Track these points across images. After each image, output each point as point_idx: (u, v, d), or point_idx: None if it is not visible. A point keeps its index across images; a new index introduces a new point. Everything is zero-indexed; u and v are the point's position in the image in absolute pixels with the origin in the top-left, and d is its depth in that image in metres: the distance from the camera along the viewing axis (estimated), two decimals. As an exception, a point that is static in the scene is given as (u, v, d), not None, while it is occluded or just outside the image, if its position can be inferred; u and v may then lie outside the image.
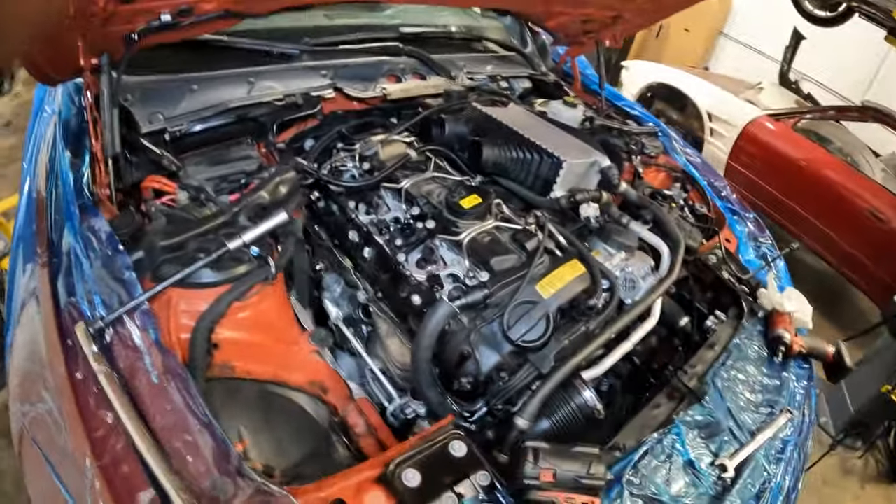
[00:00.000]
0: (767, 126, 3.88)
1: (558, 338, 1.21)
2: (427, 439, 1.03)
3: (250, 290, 1.16)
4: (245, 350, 1.17)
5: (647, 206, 1.58)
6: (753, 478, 1.25)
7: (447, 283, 1.29)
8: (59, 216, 1.26)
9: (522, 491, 0.94)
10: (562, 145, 1.55)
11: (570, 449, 0.96)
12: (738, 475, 1.22)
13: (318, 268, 1.57)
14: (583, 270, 1.31)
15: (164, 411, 0.97)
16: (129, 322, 1.06)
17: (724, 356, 1.46)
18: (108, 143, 1.31)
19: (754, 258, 1.93)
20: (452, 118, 1.59)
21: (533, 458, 0.92)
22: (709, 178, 2.14)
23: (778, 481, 1.29)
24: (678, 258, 1.46)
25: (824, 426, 2.86)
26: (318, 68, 1.68)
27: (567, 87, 2.27)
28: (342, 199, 1.50)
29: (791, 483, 1.34)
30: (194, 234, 1.15)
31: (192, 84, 1.54)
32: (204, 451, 0.93)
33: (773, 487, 1.27)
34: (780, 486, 1.29)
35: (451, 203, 1.34)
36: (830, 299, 3.97)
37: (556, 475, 0.92)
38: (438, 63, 1.88)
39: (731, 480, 1.19)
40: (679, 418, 1.22)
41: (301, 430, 1.20)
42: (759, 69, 5.52)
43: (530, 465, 0.92)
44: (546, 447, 0.95)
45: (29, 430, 1.13)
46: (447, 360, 1.22)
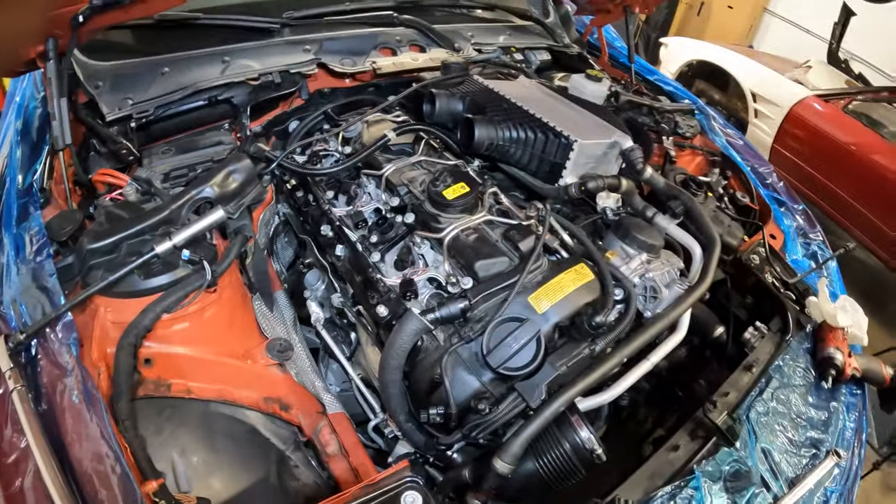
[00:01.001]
0: (816, 107, 3.33)
1: (554, 363, 0.91)
2: (373, 488, 0.77)
3: (186, 299, 0.91)
4: (184, 366, 0.93)
5: (677, 197, 1.21)
6: None
7: (425, 290, 1.01)
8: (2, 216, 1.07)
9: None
10: (575, 123, 1.20)
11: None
12: None
13: (307, 262, 1.32)
14: (590, 277, 0.99)
15: (83, 437, 0.81)
16: (52, 335, 0.88)
17: (763, 382, 1.11)
18: (58, 135, 1.09)
19: (803, 258, 1.53)
20: (446, 93, 1.27)
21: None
22: (752, 163, 1.73)
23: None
24: (713, 261, 1.11)
25: (868, 438, 2.40)
26: (300, 43, 1.40)
27: (593, 60, 1.88)
28: (319, 188, 1.23)
29: None
30: (127, 234, 0.92)
31: (163, 66, 1.31)
32: (114, 486, 0.77)
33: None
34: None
35: (432, 193, 1.04)
36: (881, 299, 3.39)
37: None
38: (440, 33, 1.55)
39: (760, 547, 0.87)
40: (700, 468, 0.90)
41: (249, 455, 0.96)
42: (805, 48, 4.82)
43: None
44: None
45: None
46: (417, 383, 0.94)
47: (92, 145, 1.28)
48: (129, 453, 0.79)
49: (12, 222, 1.04)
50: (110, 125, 1.23)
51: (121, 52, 1.32)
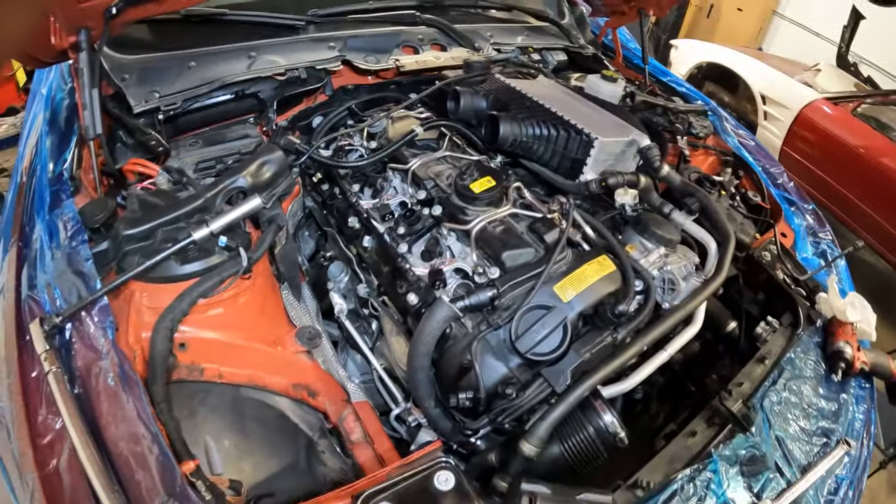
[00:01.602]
0: (825, 110, 3.36)
1: (578, 350, 0.95)
2: (408, 468, 0.81)
3: (221, 285, 0.95)
4: (217, 351, 0.97)
5: (692, 194, 1.26)
6: None
7: (452, 280, 1.05)
8: (34, 203, 1.10)
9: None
10: (594, 122, 1.25)
11: (574, 496, 0.70)
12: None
13: (329, 255, 1.35)
14: (612, 269, 1.03)
15: (118, 418, 0.83)
16: (88, 319, 0.91)
17: (776, 373, 1.15)
18: (89, 125, 1.13)
19: (812, 256, 1.58)
20: (470, 91, 1.31)
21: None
22: (763, 164, 1.77)
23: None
24: (727, 256, 1.15)
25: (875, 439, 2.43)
26: (325, 40, 1.44)
27: (607, 61, 1.92)
28: (346, 181, 1.27)
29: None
30: (162, 221, 0.96)
31: (190, 60, 1.35)
32: (153, 467, 0.78)
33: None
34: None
35: (460, 187, 1.09)
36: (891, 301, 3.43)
37: (557, 531, 0.67)
38: (461, 33, 1.60)
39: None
40: (717, 452, 0.94)
41: (279, 440, 1.00)
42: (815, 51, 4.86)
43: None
44: (546, 492, 0.70)
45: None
46: (446, 370, 0.98)
47: (118, 137, 1.32)
48: (165, 435, 0.81)
49: (45, 209, 1.07)
50: (138, 117, 1.27)
51: (147, 46, 1.36)
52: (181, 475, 0.76)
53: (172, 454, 0.79)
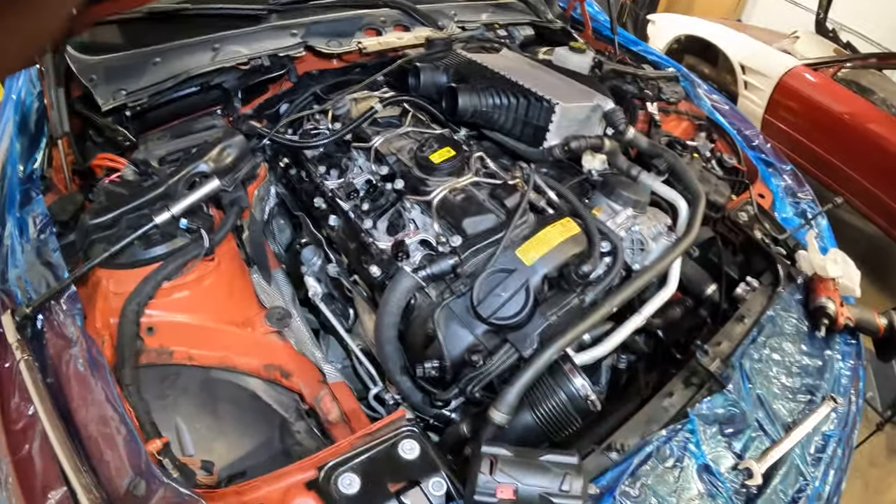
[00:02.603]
0: (806, 77, 3.30)
1: (544, 313, 0.91)
2: (372, 437, 0.79)
3: (185, 268, 0.92)
4: (185, 334, 0.95)
5: (660, 155, 1.22)
6: (786, 484, 0.92)
7: (416, 252, 1.02)
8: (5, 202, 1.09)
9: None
10: (557, 89, 1.21)
11: (538, 458, 0.67)
12: (767, 481, 0.89)
13: (303, 241, 1.33)
14: (576, 230, 1.00)
15: (88, 402, 0.82)
16: (57, 308, 0.90)
17: (756, 331, 1.11)
18: (56, 124, 1.12)
19: (792, 216, 1.53)
20: (430, 66, 1.28)
21: (488, 469, 0.65)
22: (738, 126, 1.72)
23: (817, 487, 0.96)
24: (698, 214, 1.11)
25: (870, 401, 2.39)
26: (287, 27, 1.41)
27: (576, 34, 1.88)
28: (311, 163, 1.24)
29: (832, 488, 0.99)
30: (126, 209, 0.94)
31: (154, 57, 1.33)
32: (120, 448, 0.78)
33: (811, 495, 0.94)
34: (818, 493, 0.95)
35: (420, 158, 1.06)
36: (879, 264, 3.37)
37: (517, 492, 0.64)
38: (424, 13, 1.56)
39: (758, 488, 0.87)
40: (694, 411, 0.90)
41: (251, 420, 0.98)
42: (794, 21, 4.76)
43: (484, 477, 0.65)
44: (507, 454, 0.67)
45: None
46: (413, 340, 0.96)
47: (89, 136, 1.30)
48: (133, 416, 0.81)
49: (15, 206, 1.06)
50: (106, 115, 1.25)
51: (113, 46, 1.34)
52: (147, 453, 0.74)
53: (140, 434, 0.77)
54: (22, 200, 1.09)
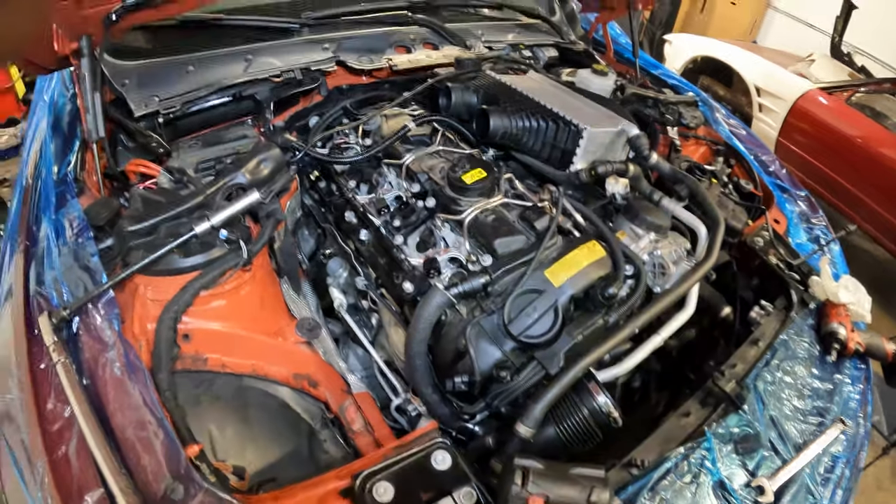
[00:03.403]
0: (820, 100, 3.40)
1: (571, 332, 0.98)
2: (405, 448, 0.84)
3: (222, 277, 0.99)
4: (220, 341, 1.01)
5: (682, 181, 1.29)
6: (796, 502, 0.98)
7: (447, 269, 1.08)
8: (40, 204, 1.15)
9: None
10: (583, 113, 1.28)
11: (568, 471, 0.73)
12: (778, 499, 0.95)
13: (328, 252, 1.39)
14: (602, 254, 1.06)
15: (125, 406, 0.87)
16: (94, 312, 0.95)
17: (769, 354, 1.18)
18: (92, 128, 1.18)
19: (806, 241, 1.60)
20: (461, 87, 1.35)
21: (521, 480, 0.71)
22: (755, 152, 1.80)
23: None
24: (717, 239, 1.18)
25: (877, 425, 2.45)
26: (319, 42, 1.49)
27: (598, 55, 1.96)
28: (342, 177, 1.31)
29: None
30: (164, 217, 1.00)
31: (188, 65, 1.40)
32: (158, 452, 0.82)
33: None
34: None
35: (452, 178, 1.12)
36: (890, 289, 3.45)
37: (548, 502, 0.70)
38: (452, 32, 1.64)
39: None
40: (711, 430, 0.96)
41: (281, 427, 1.04)
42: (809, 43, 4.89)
43: (517, 487, 0.71)
44: (539, 467, 0.73)
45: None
46: (442, 356, 1.01)
47: (119, 140, 1.36)
48: (171, 421, 0.85)
49: (51, 208, 1.12)
50: (138, 121, 1.31)
51: (146, 52, 1.41)
52: (185, 458, 0.79)
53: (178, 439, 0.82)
54: (57, 203, 1.15)
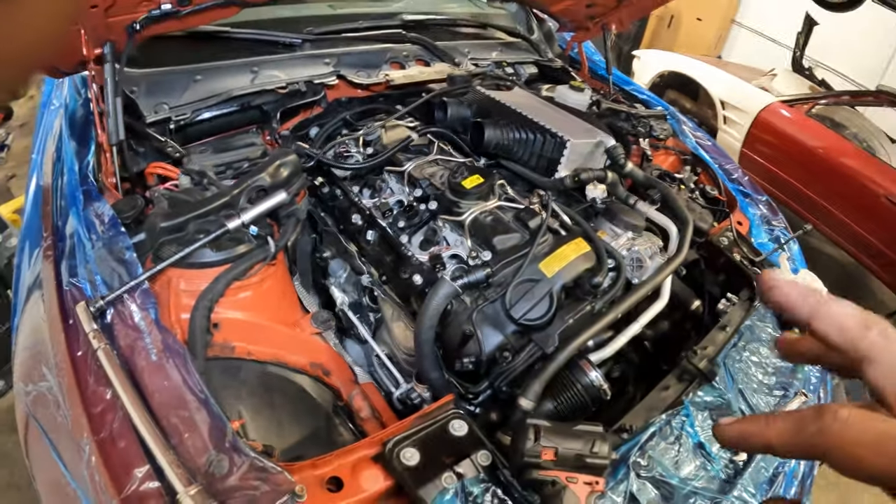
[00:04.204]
0: (781, 113, 3.77)
1: (562, 317, 1.16)
2: (426, 418, 0.99)
3: (250, 270, 1.13)
4: (246, 330, 1.14)
5: (654, 186, 1.51)
6: (766, 462, 1.18)
7: (450, 264, 1.26)
8: (64, 202, 1.26)
9: (523, 470, 0.90)
10: (566, 126, 1.49)
11: (572, 427, 0.91)
12: (750, 459, 1.15)
13: (325, 255, 1.54)
14: (587, 249, 1.26)
15: (162, 388, 0.96)
16: (130, 301, 1.05)
17: (736, 338, 1.39)
18: (113, 131, 1.30)
19: (767, 241, 1.85)
20: (455, 101, 1.54)
21: (534, 436, 0.88)
22: (720, 161, 2.06)
23: (793, 466, 1.23)
24: (687, 236, 1.39)
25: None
26: (320, 56, 1.66)
27: (574, 72, 2.20)
28: (346, 183, 1.47)
29: (806, 469, 1.27)
30: (194, 215, 1.13)
31: (195, 75, 1.53)
32: (200, 428, 0.91)
33: (788, 472, 1.21)
34: (794, 472, 1.23)
35: (453, 184, 1.30)
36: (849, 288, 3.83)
37: (557, 454, 0.87)
38: (442, 49, 1.84)
39: (742, 464, 1.13)
40: (689, 399, 1.16)
41: (302, 411, 1.17)
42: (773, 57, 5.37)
43: (531, 442, 0.87)
44: (548, 425, 0.90)
45: (31, 408, 1.12)
46: (449, 341, 1.18)
47: (129, 145, 1.48)
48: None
49: (78, 204, 1.20)
50: (149, 126, 1.44)
51: (154, 60, 1.52)
52: (232, 431, 0.92)
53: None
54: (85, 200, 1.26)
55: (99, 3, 1.21)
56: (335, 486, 0.91)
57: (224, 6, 1.39)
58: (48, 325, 1.10)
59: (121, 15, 1.29)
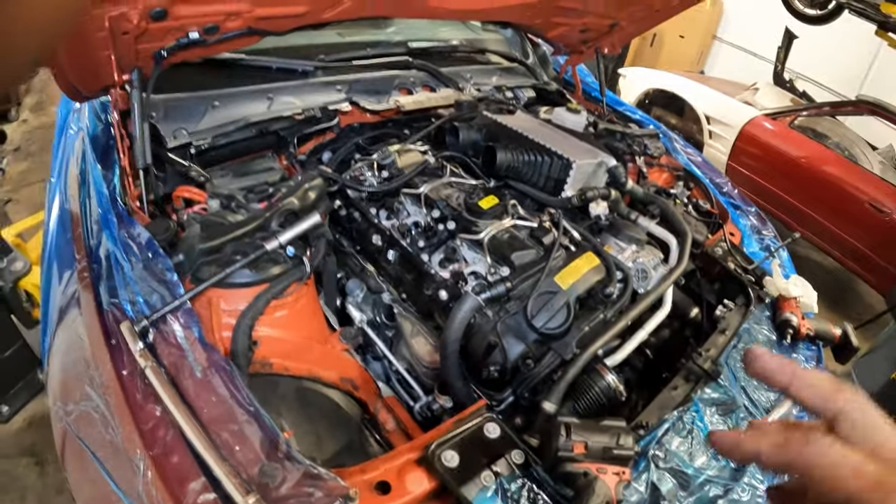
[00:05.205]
0: (765, 125, 4.02)
1: (578, 325, 1.30)
2: (462, 422, 1.10)
3: (286, 290, 1.24)
4: (282, 347, 1.25)
5: (653, 202, 1.68)
6: None
7: (470, 280, 1.39)
8: (96, 225, 1.35)
9: (555, 465, 1.02)
10: (570, 148, 1.65)
11: (598, 423, 1.04)
12: None
13: (340, 275, 1.66)
14: (597, 262, 1.40)
15: (210, 404, 1.03)
16: (172, 321, 1.12)
17: (735, 340, 1.55)
18: (140, 156, 1.40)
19: (758, 250, 2.03)
20: (465, 126, 1.70)
21: (565, 432, 1.00)
22: (710, 176, 2.25)
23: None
24: (686, 249, 1.56)
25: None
26: (333, 83, 1.80)
27: (569, 94, 2.39)
28: (364, 205, 1.60)
29: None
30: (231, 237, 1.25)
31: (213, 101, 1.64)
32: (251, 440, 0.98)
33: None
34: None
35: (470, 204, 1.44)
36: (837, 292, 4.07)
37: (587, 447, 0.99)
38: (447, 75, 2.00)
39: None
40: (697, 396, 1.30)
41: (336, 425, 1.28)
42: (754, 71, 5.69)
43: (563, 438, 1.00)
44: (577, 422, 1.03)
45: (73, 427, 1.18)
46: (474, 352, 1.30)
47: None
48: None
49: (112, 227, 1.28)
50: (171, 151, 1.55)
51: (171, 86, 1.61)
52: (285, 441, 1.01)
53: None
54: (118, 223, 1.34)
55: (132, 30, 1.32)
56: (383, 489, 1.01)
57: (247, 35, 1.52)
58: (90, 344, 1.18)
59: (151, 42, 1.40)
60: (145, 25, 1.32)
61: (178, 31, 1.41)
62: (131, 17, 1.28)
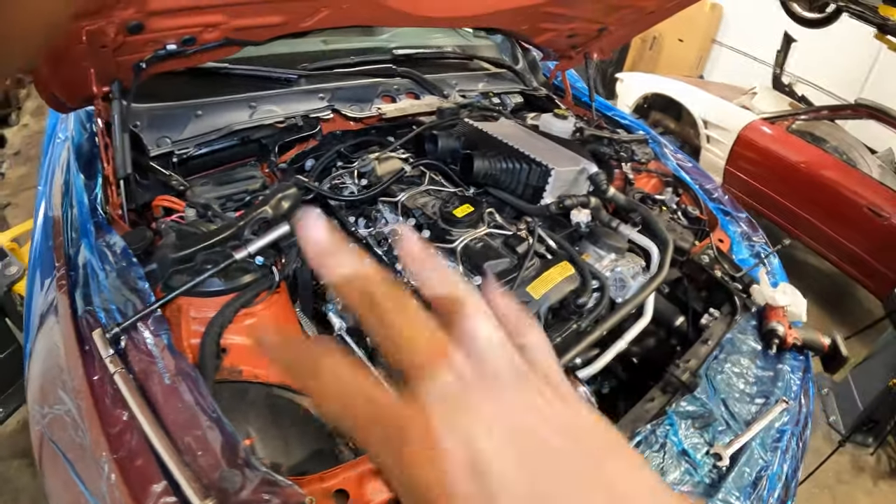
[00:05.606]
0: (763, 130, 3.97)
1: (550, 336, 1.28)
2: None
3: (256, 298, 1.24)
4: (252, 354, 1.24)
5: (635, 210, 1.65)
6: (749, 466, 1.29)
7: (443, 288, 1.37)
8: (76, 233, 1.37)
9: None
10: (550, 154, 1.64)
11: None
12: (733, 463, 1.26)
13: (322, 281, 1.66)
14: (572, 271, 1.39)
15: (176, 410, 1.04)
16: (143, 328, 1.14)
17: (718, 350, 1.52)
18: (120, 166, 1.41)
19: (748, 257, 2.00)
20: (445, 133, 1.68)
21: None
22: (700, 182, 2.22)
23: (775, 469, 1.34)
24: (667, 257, 1.53)
25: (834, 425, 2.88)
26: (315, 91, 1.79)
27: (558, 100, 2.37)
28: (342, 213, 1.60)
29: (790, 471, 1.38)
30: (202, 246, 1.25)
31: (196, 110, 1.65)
32: (213, 446, 0.99)
33: (770, 475, 1.32)
34: (777, 475, 1.34)
35: (445, 213, 1.43)
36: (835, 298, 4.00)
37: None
38: (431, 82, 1.99)
39: (726, 468, 1.24)
40: (672, 408, 1.28)
41: (306, 431, 1.27)
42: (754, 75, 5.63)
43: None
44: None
45: (47, 430, 1.19)
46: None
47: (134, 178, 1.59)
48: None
49: (90, 236, 1.29)
50: (153, 160, 1.56)
51: (155, 95, 1.62)
52: (244, 448, 1.01)
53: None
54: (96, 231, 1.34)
55: (109, 43, 1.33)
56: (342, 498, 1.01)
57: (225, 46, 1.52)
58: (64, 350, 1.19)
59: (129, 55, 1.41)
60: (122, 38, 1.33)
61: (156, 43, 1.41)
62: (108, 30, 1.29)
